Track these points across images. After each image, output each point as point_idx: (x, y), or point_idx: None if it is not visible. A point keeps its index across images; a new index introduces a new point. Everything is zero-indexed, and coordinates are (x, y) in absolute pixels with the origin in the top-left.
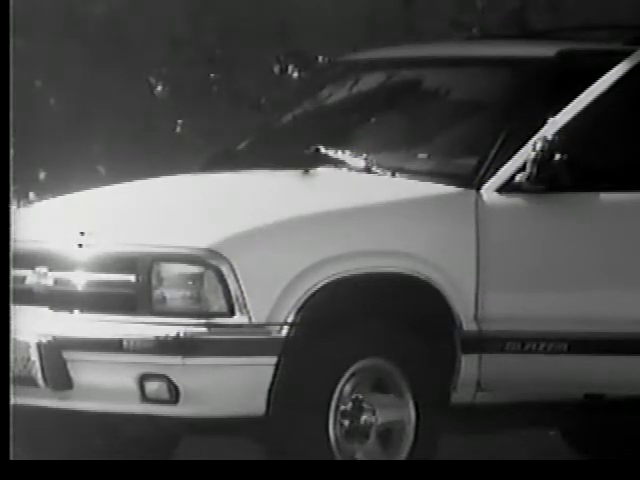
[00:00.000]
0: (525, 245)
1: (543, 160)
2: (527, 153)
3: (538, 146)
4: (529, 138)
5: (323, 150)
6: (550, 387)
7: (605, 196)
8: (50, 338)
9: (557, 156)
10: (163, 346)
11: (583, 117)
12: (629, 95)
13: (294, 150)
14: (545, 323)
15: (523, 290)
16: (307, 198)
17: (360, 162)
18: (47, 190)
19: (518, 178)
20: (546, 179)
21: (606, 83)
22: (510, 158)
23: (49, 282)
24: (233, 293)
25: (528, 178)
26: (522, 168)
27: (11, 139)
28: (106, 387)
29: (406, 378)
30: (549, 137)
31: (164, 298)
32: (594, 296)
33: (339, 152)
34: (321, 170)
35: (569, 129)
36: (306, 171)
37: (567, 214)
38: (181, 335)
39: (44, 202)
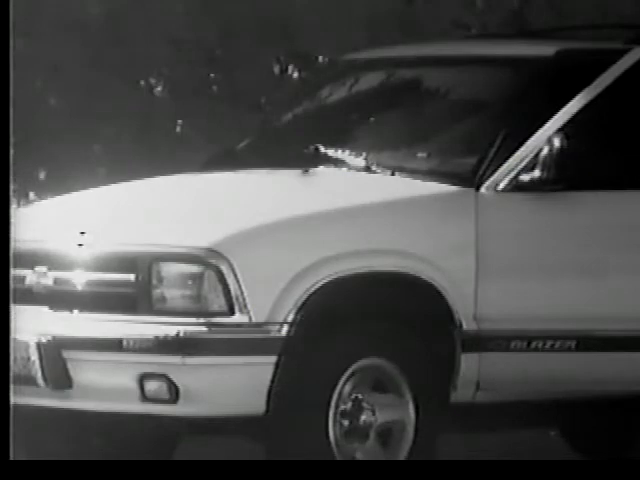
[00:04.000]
0: (525, 244)
1: (543, 159)
2: (527, 152)
3: (539, 145)
4: (529, 137)
5: (323, 149)
6: (549, 386)
7: (606, 194)
8: (50, 338)
9: (558, 155)
10: (163, 345)
11: (582, 116)
12: (629, 93)
13: (294, 149)
14: (545, 322)
15: (523, 289)
16: (307, 197)
17: (360, 161)
18: (47, 190)
19: (518, 177)
20: (546, 178)
21: (605, 82)
22: (510, 157)
23: (49, 282)
24: (233, 292)
25: (528, 177)
26: (522, 167)
27: (11, 139)
28: (106, 387)
29: (406, 378)
30: (550, 136)
31: (164, 297)
32: (594, 295)
33: (339, 151)
34: (321, 169)
35: (569, 128)
36: (306, 170)
37: (568, 213)
38: (181, 334)
39: (44, 202)
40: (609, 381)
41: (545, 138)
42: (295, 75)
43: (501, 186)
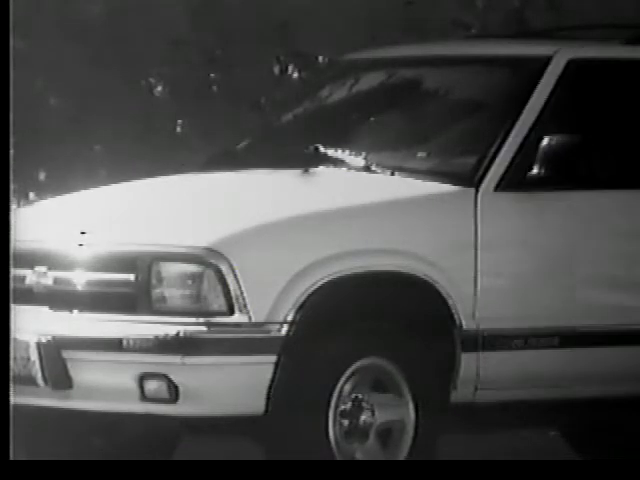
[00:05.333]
0: (524, 243)
1: (543, 159)
2: (527, 152)
3: (538, 145)
4: (529, 137)
5: (322, 149)
6: (550, 384)
7: (604, 194)
8: (50, 337)
9: (557, 155)
10: (163, 345)
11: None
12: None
13: (294, 149)
14: (545, 320)
15: (522, 288)
16: (306, 197)
17: (359, 161)
18: (47, 190)
19: (518, 177)
20: (546, 178)
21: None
22: (509, 157)
23: (49, 281)
24: (233, 292)
25: (528, 177)
26: (521, 167)
27: (11, 139)
28: (106, 386)
29: (406, 377)
30: (549, 136)
31: (164, 297)
32: (595, 292)
33: (338, 151)
34: (321, 169)
35: (568, 127)
36: (305, 170)
37: (566, 212)
38: (181, 334)
39: (44, 202)
40: (610, 378)
41: (544, 137)
42: (295, 75)
43: (501, 186)
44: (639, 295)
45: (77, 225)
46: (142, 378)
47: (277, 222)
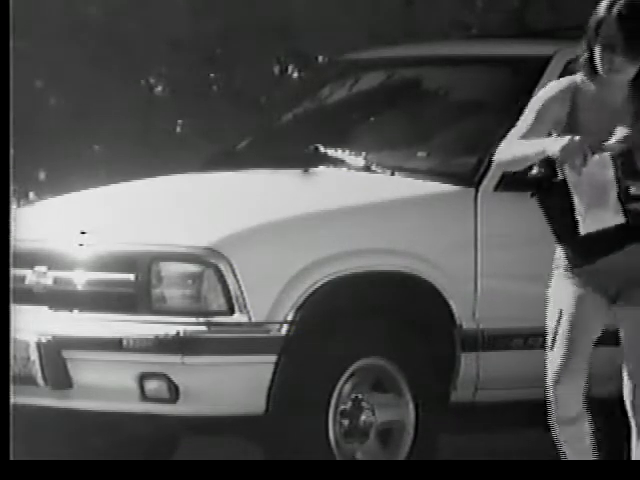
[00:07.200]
0: (524, 243)
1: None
2: None
3: None
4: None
5: (322, 149)
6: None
7: None
8: (49, 337)
9: None
10: (163, 345)
11: None
12: None
13: (294, 149)
14: (545, 320)
15: (522, 288)
16: (306, 197)
17: (359, 161)
18: (47, 190)
19: (517, 177)
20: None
21: None
22: None
23: (48, 281)
24: (232, 292)
25: (527, 177)
26: None
27: (11, 139)
28: (106, 386)
29: (405, 377)
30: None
31: (163, 297)
32: None
33: (338, 151)
34: (321, 169)
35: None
36: (306, 170)
37: None
38: (181, 334)
39: (44, 202)
40: (609, 378)
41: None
42: (295, 75)
43: (500, 185)
44: None
45: (77, 225)
46: (142, 378)
47: (277, 222)
